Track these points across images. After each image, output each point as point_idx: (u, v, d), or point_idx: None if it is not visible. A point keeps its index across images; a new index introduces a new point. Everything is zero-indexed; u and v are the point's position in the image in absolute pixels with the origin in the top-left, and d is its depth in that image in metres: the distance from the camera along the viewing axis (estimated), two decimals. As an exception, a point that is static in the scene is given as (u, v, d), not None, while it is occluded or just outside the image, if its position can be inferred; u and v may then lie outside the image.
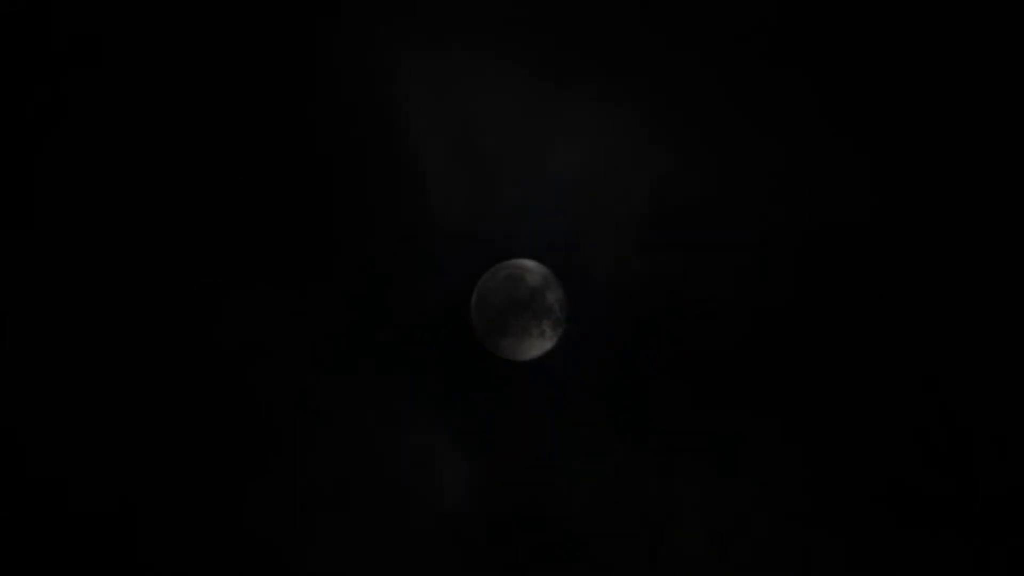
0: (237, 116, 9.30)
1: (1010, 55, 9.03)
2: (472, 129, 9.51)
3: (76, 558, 8.98)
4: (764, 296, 9.23)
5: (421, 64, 9.35)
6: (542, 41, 9.37)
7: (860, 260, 9.15)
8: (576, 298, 9.53)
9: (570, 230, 9.53)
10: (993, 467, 8.81)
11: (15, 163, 9.12)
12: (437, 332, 9.57)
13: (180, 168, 9.28)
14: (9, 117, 9.07)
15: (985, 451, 8.83)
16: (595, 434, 9.38)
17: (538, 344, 9.52)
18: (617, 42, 9.36)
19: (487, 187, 9.51)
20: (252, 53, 9.28)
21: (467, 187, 9.52)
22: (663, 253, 9.36)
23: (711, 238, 9.32)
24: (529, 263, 9.54)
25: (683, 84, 9.33)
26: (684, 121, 9.36)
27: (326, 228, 9.43)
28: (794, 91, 9.25)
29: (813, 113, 9.23)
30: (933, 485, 8.86)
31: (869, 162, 9.17)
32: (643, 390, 9.32)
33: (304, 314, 9.33)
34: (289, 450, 9.25)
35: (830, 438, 9.06)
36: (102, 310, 9.18)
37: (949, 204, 9.13)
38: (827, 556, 8.90)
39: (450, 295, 9.58)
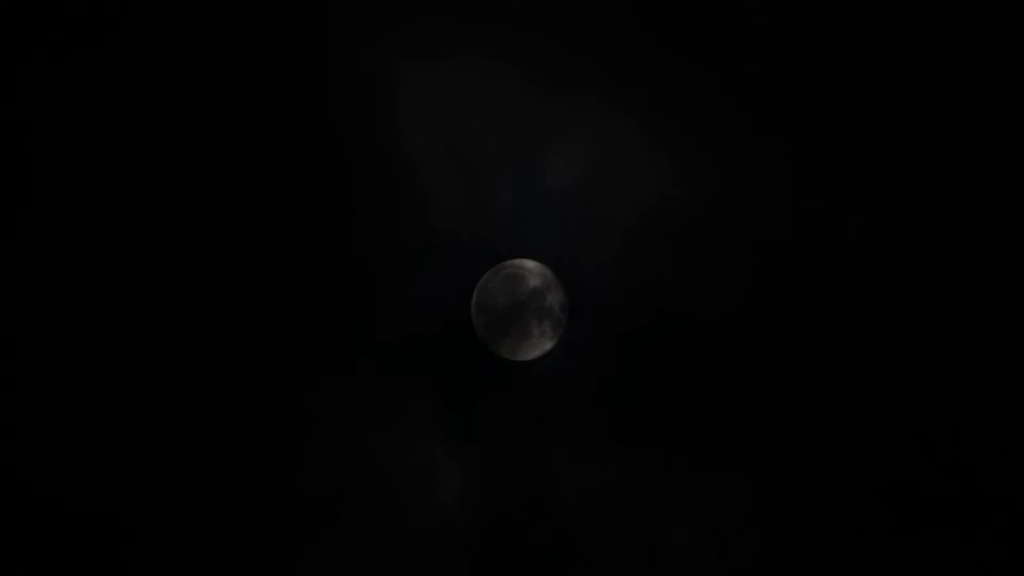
0: (233, 125, 9.29)
1: (1011, 73, 9.06)
2: (471, 134, 9.51)
3: (77, 562, 8.97)
4: (763, 304, 9.24)
5: (418, 69, 9.37)
6: (543, 49, 9.38)
7: (858, 268, 9.15)
8: (575, 301, 9.54)
9: (569, 235, 9.53)
10: (993, 467, 8.81)
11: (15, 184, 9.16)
12: (437, 333, 9.57)
13: (176, 177, 9.27)
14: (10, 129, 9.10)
15: (985, 451, 8.84)
16: (594, 437, 9.38)
17: (538, 344, 9.52)
18: (618, 51, 9.36)
19: (485, 191, 9.51)
20: (246, 61, 9.27)
21: (466, 191, 9.51)
22: (662, 261, 9.37)
23: (710, 247, 9.33)
24: (530, 263, 9.53)
25: (684, 94, 9.34)
26: (684, 130, 9.36)
27: (322, 233, 9.43)
28: (796, 102, 9.26)
29: (814, 125, 9.24)
30: (933, 485, 8.87)
31: (870, 175, 9.18)
32: (640, 396, 9.32)
33: (303, 319, 9.33)
34: (289, 453, 9.24)
35: (829, 440, 9.06)
36: (101, 319, 9.17)
37: (948, 212, 9.14)
38: (827, 556, 8.91)
39: (450, 296, 9.59)
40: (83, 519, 8.98)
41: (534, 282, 9.50)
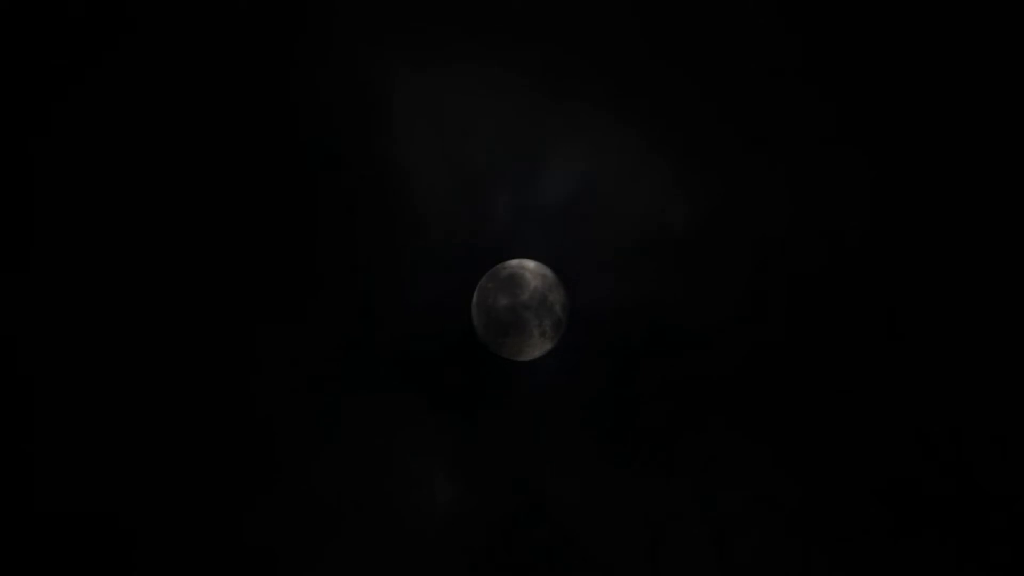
0: (229, 130, 9.28)
1: (1009, 76, 9.08)
2: (469, 140, 9.50)
3: (77, 567, 8.97)
4: (763, 305, 9.24)
5: (417, 75, 9.38)
6: (543, 55, 9.38)
7: (858, 268, 9.15)
8: (573, 308, 9.54)
9: (567, 243, 9.54)
10: (993, 467, 8.81)
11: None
12: (437, 334, 9.57)
13: (171, 183, 9.26)
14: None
15: (985, 451, 8.84)
16: (594, 439, 9.38)
17: (539, 345, 9.52)
18: (619, 58, 9.37)
19: (483, 198, 9.52)
20: (243, 66, 9.27)
21: (464, 197, 9.51)
22: (662, 268, 9.37)
23: (710, 253, 9.33)
24: (531, 263, 9.54)
25: (683, 105, 9.35)
26: (684, 139, 9.37)
27: (320, 239, 9.42)
28: (796, 108, 9.27)
29: (814, 131, 9.25)
30: (933, 485, 8.87)
31: (870, 179, 9.19)
32: (641, 399, 9.33)
33: (303, 324, 9.32)
34: (291, 457, 9.24)
35: (829, 441, 9.06)
36: (96, 328, 9.17)
37: (947, 215, 9.14)
38: (827, 556, 8.90)
39: (450, 297, 9.59)
40: (85, 521, 8.99)
41: (535, 282, 9.51)
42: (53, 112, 9.17)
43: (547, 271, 9.53)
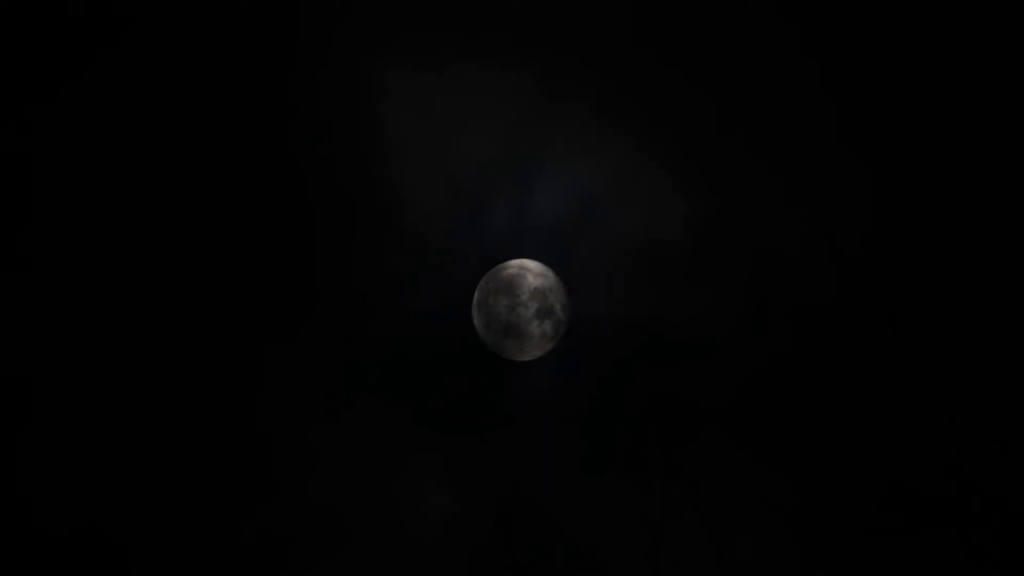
0: (224, 136, 9.28)
1: (1008, 78, 9.08)
2: (466, 146, 9.49)
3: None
4: (764, 310, 9.26)
5: (415, 79, 9.37)
6: (543, 61, 9.38)
7: (858, 270, 9.17)
8: (572, 316, 9.55)
9: (565, 252, 9.55)
10: (993, 467, 8.82)
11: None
12: (437, 335, 9.58)
13: (168, 195, 9.27)
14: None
15: (985, 451, 8.84)
16: (593, 441, 9.40)
17: (540, 345, 9.52)
18: (618, 65, 9.37)
19: (480, 206, 9.52)
20: (238, 71, 9.28)
21: (461, 204, 9.52)
22: (663, 275, 9.38)
23: (710, 261, 9.34)
24: (532, 263, 9.54)
25: (682, 109, 9.35)
26: (684, 146, 9.37)
27: (318, 245, 9.43)
28: (794, 116, 9.28)
29: (815, 138, 9.26)
30: (933, 485, 8.88)
31: (867, 189, 9.20)
32: (643, 404, 9.34)
33: (302, 330, 9.32)
34: (291, 460, 9.25)
35: (829, 441, 9.07)
36: (107, 340, 9.18)
37: (945, 217, 9.16)
38: (827, 556, 8.92)
39: (449, 297, 9.60)
40: (82, 528, 8.98)
41: (536, 282, 9.51)
42: (53, 112, 9.17)
43: (548, 272, 9.52)
